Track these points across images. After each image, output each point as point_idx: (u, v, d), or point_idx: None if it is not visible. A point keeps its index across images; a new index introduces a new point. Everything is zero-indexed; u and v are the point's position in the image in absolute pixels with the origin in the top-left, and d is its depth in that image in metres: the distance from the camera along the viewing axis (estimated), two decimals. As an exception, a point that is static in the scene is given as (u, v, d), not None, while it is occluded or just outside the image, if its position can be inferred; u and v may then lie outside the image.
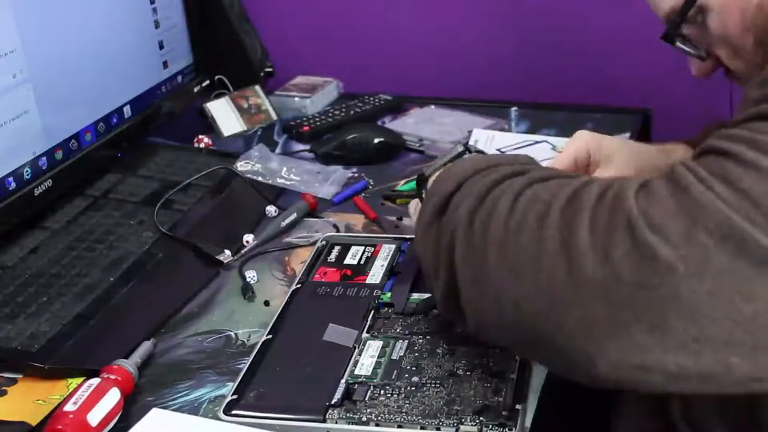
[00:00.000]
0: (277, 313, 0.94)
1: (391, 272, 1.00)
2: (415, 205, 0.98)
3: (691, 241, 0.61)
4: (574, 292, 0.64)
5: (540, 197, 0.69)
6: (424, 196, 0.85)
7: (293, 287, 0.99)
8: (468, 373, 0.83)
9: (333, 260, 1.04)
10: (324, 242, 1.08)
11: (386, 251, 1.04)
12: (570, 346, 0.65)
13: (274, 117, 1.50)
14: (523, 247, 0.67)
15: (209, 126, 1.46)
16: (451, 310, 0.76)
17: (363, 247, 1.06)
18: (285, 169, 1.30)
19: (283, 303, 0.96)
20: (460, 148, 0.89)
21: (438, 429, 0.77)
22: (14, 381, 0.88)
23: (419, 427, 0.77)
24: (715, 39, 0.84)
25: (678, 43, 0.86)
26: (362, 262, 1.03)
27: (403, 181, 1.28)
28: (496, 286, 0.69)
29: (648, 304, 0.62)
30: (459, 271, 0.72)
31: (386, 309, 0.94)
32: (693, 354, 0.62)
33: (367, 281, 0.99)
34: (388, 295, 0.96)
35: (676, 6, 0.84)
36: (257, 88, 1.52)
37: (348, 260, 1.04)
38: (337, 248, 1.06)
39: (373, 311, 0.93)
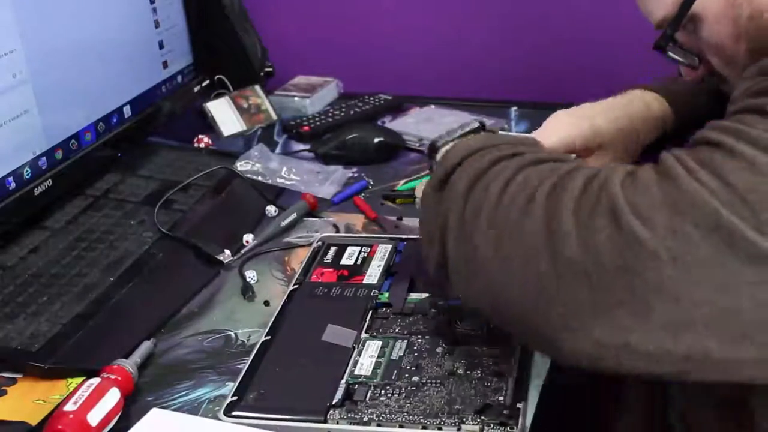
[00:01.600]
0: (275, 314, 0.94)
1: (388, 272, 1.00)
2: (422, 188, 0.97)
3: (676, 232, 0.62)
4: (557, 275, 0.65)
5: (529, 182, 0.70)
6: (432, 166, 0.85)
7: (290, 288, 0.99)
8: (468, 372, 0.83)
9: (330, 261, 1.04)
10: (320, 243, 1.08)
11: (383, 251, 1.04)
12: (554, 329, 0.66)
13: (274, 117, 1.51)
14: (509, 232, 0.68)
15: (209, 126, 1.47)
16: (442, 279, 0.77)
17: (359, 248, 1.06)
18: (285, 169, 1.30)
19: (281, 304, 0.96)
20: (476, 124, 0.88)
21: (440, 428, 0.77)
22: (14, 381, 0.88)
23: (421, 426, 0.77)
24: (708, 47, 0.84)
25: (670, 53, 0.86)
26: (359, 262, 1.03)
27: (403, 181, 1.28)
28: (484, 269, 0.70)
29: (631, 288, 0.62)
30: (450, 248, 0.73)
31: (384, 309, 0.94)
32: (674, 336, 0.62)
33: (364, 281, 0.99)
34: (386, 295, 0.96)
35: (668, 15, 0.83)
36: (257, 88, 1.52)
37: (345, 260, 1.04)
38: (333, 248, 1.06)
39: (371, 311, 0.93)
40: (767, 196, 0.61)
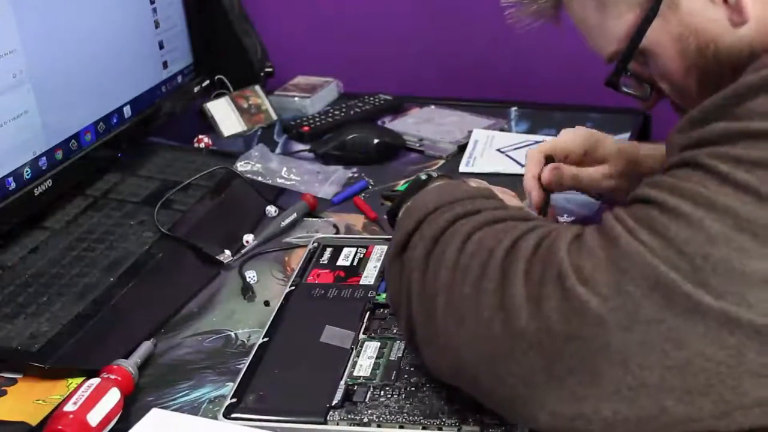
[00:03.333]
0: (273, 316, 0.94)
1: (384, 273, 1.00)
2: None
3: (619, 293, 0.62)
4: (510, 345, 0.65)
5: (485, 244, 0.70)
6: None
7: (287, 289, 0.99)
8: (468, 373, 0.83)
9: (326, 262, 1.04)
10: (316, 244, 1.08)
11: (378, 252, 1.04)
12: (510, 397, 0.66)
13: (274, 117, 1.51)
14: (465, 296, 0.68)
15: (209, 126, 1.47)
16: (412, 345, 0.77)
17: (355, 249, 1.06)
18: (285, 169, 1.30)
19: (278, 305, 0.96)
20: (423, 177, 0.87)
21: (440, 429, 0.77)
22: (14, 381, 0.88)
23: (421, 427, 0.77)
24: (659, 77, 0.84)
25: (623, 88, 0.87)
26: (355, 263, 1.03)
27: (403, 181, 1.28)
28: (443, 333, 0.70)
29: (580, 355, 0.63)
30: (414, 313, 0.73)
31: (382, 310, 0.94)
32: (628, 400, 0.62)
33: (361, 282, 0.99)
34: (383, 296, 0.96)
35: (618, 50, 0.84)
36: (257, 88, 1.52)
37: (341, 262, 1.03)
38: (329, 250, 1.06)
39: (368, 312, 0.93)
40: (703, 248, 0.61)
